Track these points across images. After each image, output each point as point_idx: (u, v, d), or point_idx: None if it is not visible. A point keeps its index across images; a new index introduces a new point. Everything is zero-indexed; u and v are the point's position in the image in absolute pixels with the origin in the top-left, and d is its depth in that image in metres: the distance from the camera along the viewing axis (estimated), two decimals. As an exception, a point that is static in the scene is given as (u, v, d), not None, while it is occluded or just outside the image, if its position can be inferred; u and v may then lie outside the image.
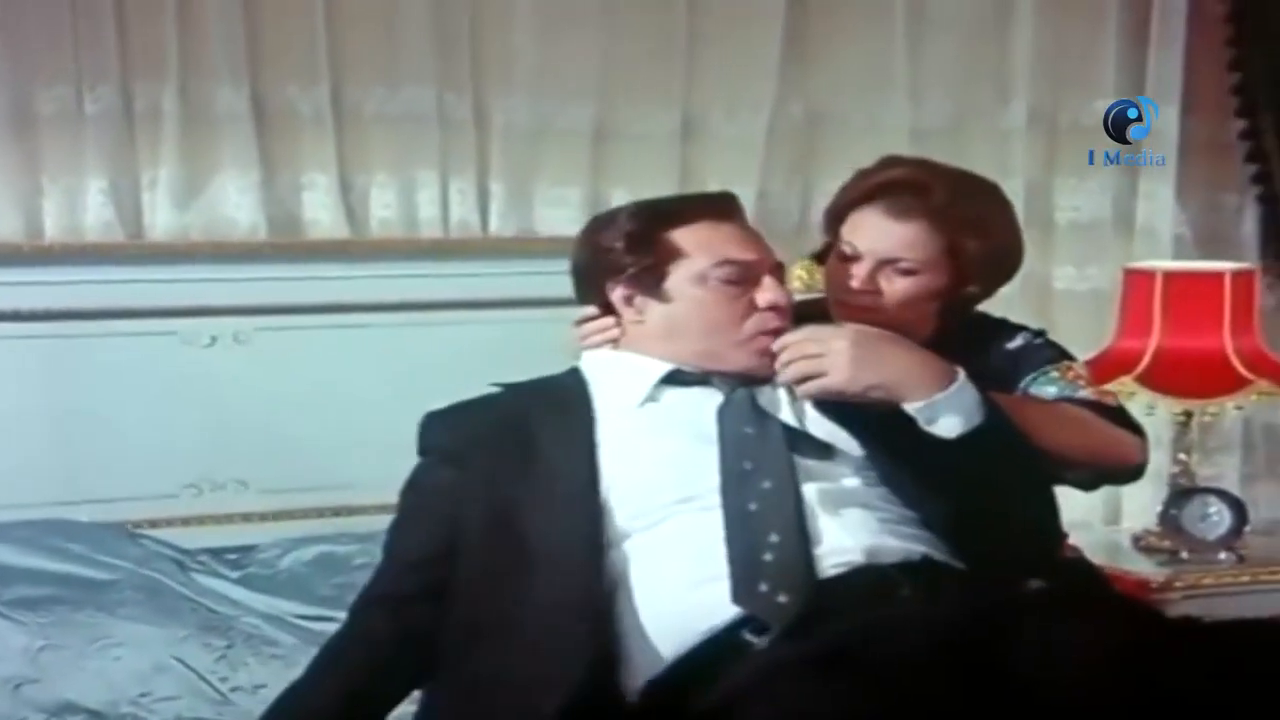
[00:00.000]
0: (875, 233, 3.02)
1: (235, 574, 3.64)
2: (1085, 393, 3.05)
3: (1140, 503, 4.56)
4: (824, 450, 2.72)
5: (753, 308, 2.78)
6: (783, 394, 2.78)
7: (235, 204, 3.99)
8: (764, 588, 2.50)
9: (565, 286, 4.01)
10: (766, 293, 2.79)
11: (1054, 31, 4.58)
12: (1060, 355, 3.13)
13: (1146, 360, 4.18)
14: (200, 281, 3.88)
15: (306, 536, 3.76)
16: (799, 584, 2.51)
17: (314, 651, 2.81)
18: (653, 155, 4.30)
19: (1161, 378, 4.19)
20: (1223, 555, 4.22)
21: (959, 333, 3.11)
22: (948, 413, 2.64)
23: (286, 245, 4.01)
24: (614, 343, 2.88)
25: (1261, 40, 4.65)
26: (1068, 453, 2.93)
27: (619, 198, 4.24)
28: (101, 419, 3.80)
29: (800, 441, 2.72)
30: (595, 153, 4.26)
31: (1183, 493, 4.31)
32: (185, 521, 3.85)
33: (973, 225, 3.02)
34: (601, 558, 2.60)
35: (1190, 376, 4.22)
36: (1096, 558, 3.63)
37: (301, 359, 3.92)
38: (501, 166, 4.19)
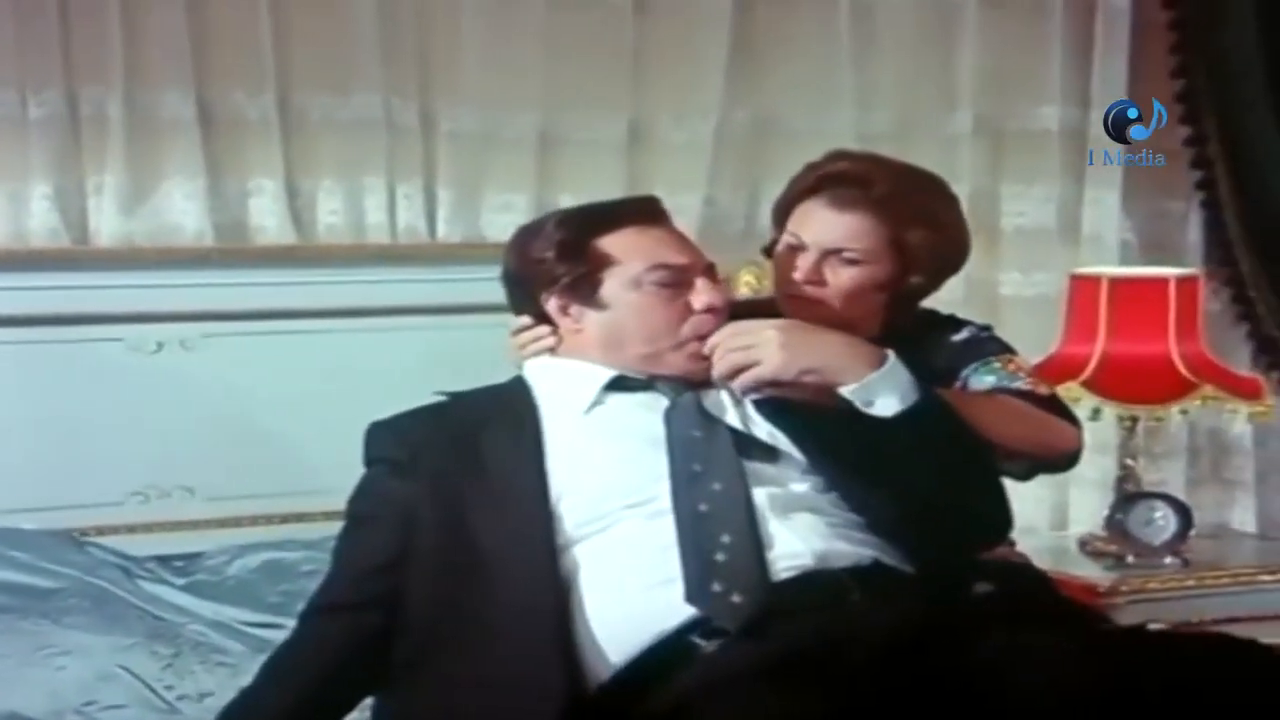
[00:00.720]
0: (820, 224, 3.09)
1: (182, 581, 3.63)
2: (1021, 383, 3.10)
3: (1087, 507, 4.59)
4: (770, 454, 2.75)
5: (689, 310, 2.82)
6: (727, 397, 2.81)
7: (181, 210, 3.98)
8: (718, 588, 2.53)
9: None
10: (702, 295, 2.83)
11: (999, 39, 4.61)
12: (1003, 349, 3.18)
13: (1092, 365, 4.20)
14: (146, 288, 3.87)
15: (254, 543, 3.76)
16: (753, 584, 2.54)
17: (262, 659, 2.82)
18: (600, 162, 4.31)
19: (1107, 383, 4.21)
20: (1168, 560, 4.24)
21: (909, 330, 3.16)
22: (884, 392, 2.69)
23: (233, 251, 4.00)
24: (551, 351, 2.90)
25: (1204, 48, 4.68)
26: (1004, 442, 2.97)
27: (566, 204, 4.20)
28: (47, 426, 3.79)
29: (747, 445, 2.75)
30: (542, 159, 4.26)
31: (1128, 497, 4.32)
32: (131, 529, 3.84)
33: (917, 216, 3.08)
34: (555, 562, 2.62)
35: (1136, 382, 4.25)
36: (1043, 562, 3.68)
37: (248, 365, 3.92)
38: (449, 173, 4.20)
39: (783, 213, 3.18)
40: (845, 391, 2.69)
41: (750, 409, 2.81)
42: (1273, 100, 4.70)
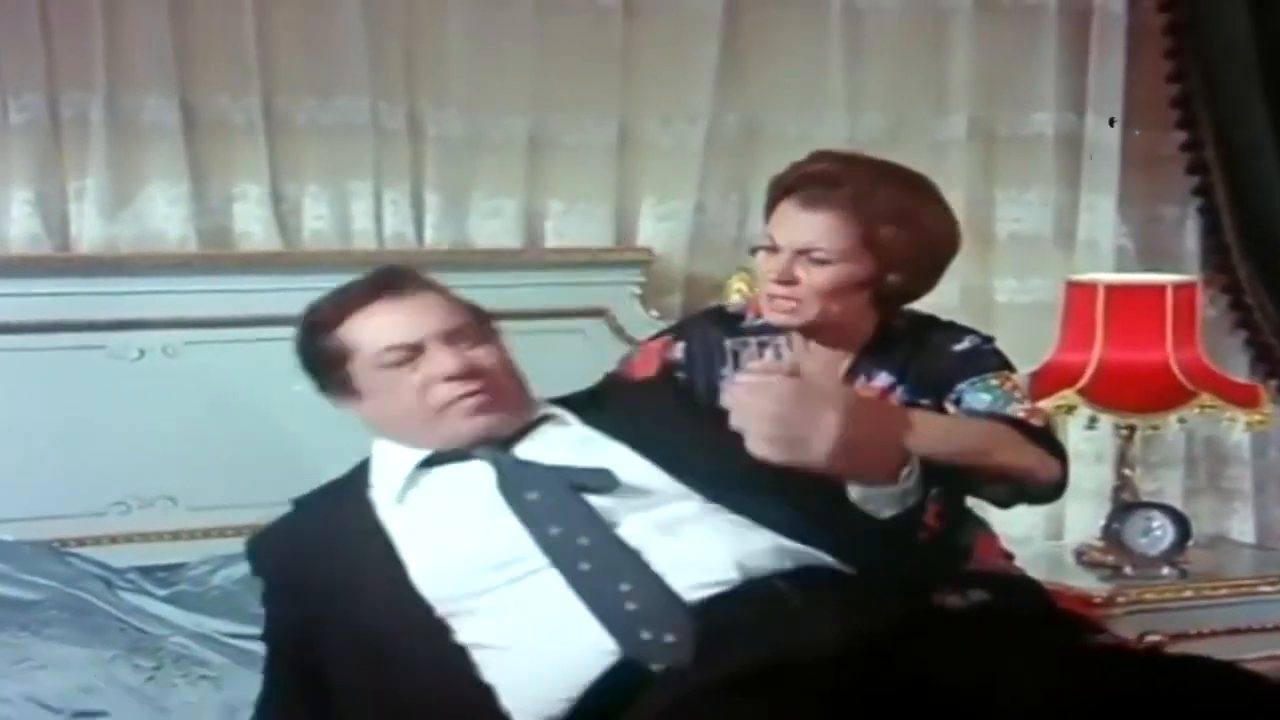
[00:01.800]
0: (790, 224, 3.16)
1: (164, 592, 3.62)
2: (1016, 407, 3.14)
3: (1083, 517, 4.59)
4: (606, 477, 2.76)
5: (435, 380, 2.85)
6: (553, 430, 2.86)
7: (164, 215, 3.97)
8: (646, 635, 2.54)
9: (501, 299, 4.03)
10: (434, 367, 2.85)
11: (993, 43, 4.62)
12: (1002, 365, 3.23)
13: (1089, 374, 4.20)
14: (129, 294, 3.86)
15: (237, 554, 3.66)
16: (678, 620, 2.54)
17: (244, 671, 2.88)
18: (589, 166, 4.32)
19: (1104, 391, 4.22)
20: (1165, 570, 4.23)
21: (908, 333, 3.23)
22: (887, 504, 2.68)
23: (217, 257, 4.01)
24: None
25: (1201, 53, 4.69)
26: (989, 468, 3.03)
27: (555, 209, 4.30)
28: (27, 434, 3.77)
29: (592, 478, 2.76)
30: (531, 164, 4.26)
31: (1125, 507, 4.32)
32: (113, 539, 3.83)
33: (889, 214, 3.14)
34: (448, 638, 2.66)
35: (1133, 390, 4.25)
36: (1039, 572, 3.72)
37: (232, 373, 3.90)
38: (436, 178, 4.20)
39: (768, 215, 3.25)
40: (852, 491, 2.67)
41: (584, 433, 2.86)
42: (1270, 104, 4.70)
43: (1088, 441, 4.54)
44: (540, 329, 3.98)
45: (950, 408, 3.19)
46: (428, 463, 2.86)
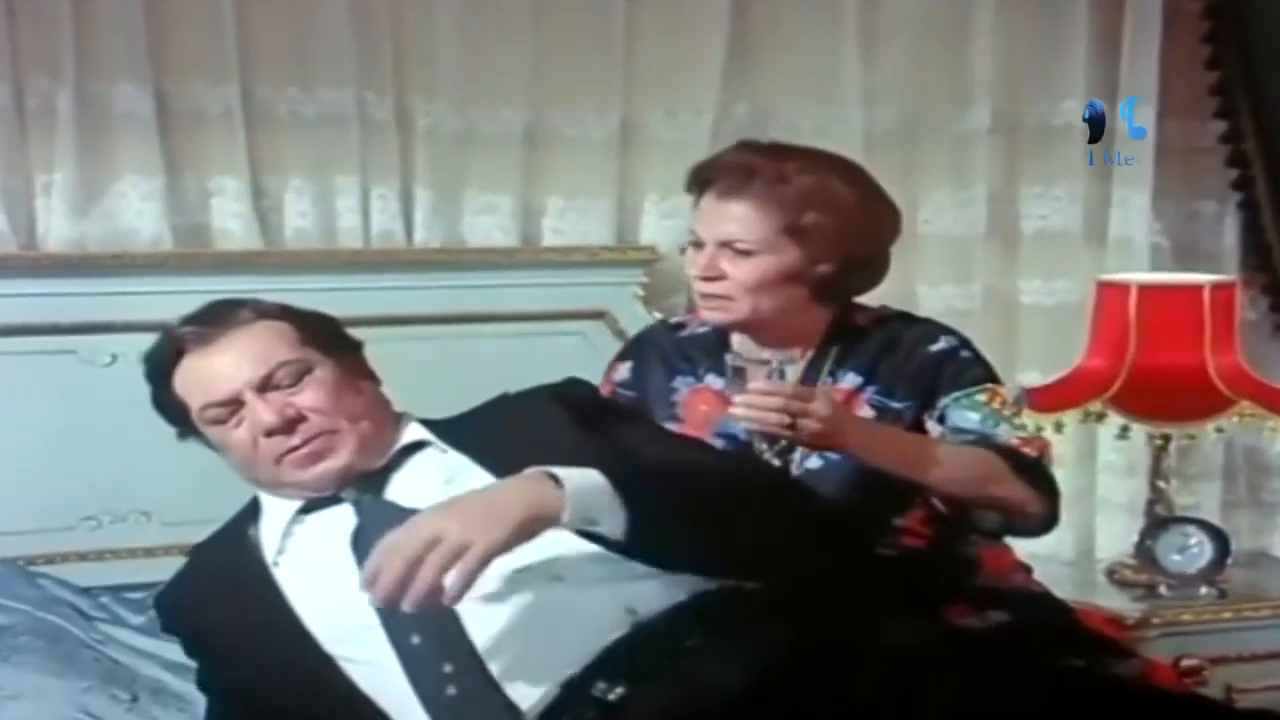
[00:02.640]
0: (709, 216, 3.24)
1: (138, 619, 3.58)
2: (1005, 429, 3.18)
3: (1114, 533, 4.58)
4: None
5: (258, 434, 2.81)
6: (423, 463, 2.80)
7: (137, 211, 3.94)
8: None
9: (495, 300, 4.07)
10: (253, 422, 2.80)
11: (1018, 27, 4.58)
12: (986, 375, 3.26)
13: (1120, 380, 4.17)
14: (100, 295, 3.83)
15: None
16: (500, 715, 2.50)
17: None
18: (589, 160, 4.30)
19: (1136, 399, 4.20)
20: (1203, 590, 4.21)
21: (874, 331, 3.27)
22: (598, 513, 2.51)
23: (193, 256, 3.98)
24: None
25: (1241, 37, 4.66)
26: (975, 501, 3.13)
27: (553, 206, 4.30)
28: (-9, 445, 3.76)
29: None
30: (527, 157, 4.24)
31: (1160, 522, 4.30)
32: (83, 556, 3.81)
33: (809, 200, 3.17)
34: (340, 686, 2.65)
35: (1168, 397, 4.23)
36: (1066, 592, 3.70)
37: (209, 380, 3.86)
38: (427, 172, 4.17)
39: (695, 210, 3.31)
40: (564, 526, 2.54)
41: (455, 462, 2.78)
42: (1316, 93, 4.69)
43: (1119, 452, 4.56)
44: (537, 332, 4.03)
45: (933, 424, 3.22)
46: (305, 508, 2.84)
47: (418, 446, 2.88)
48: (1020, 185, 4.63)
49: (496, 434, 2.86)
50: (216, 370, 2.83)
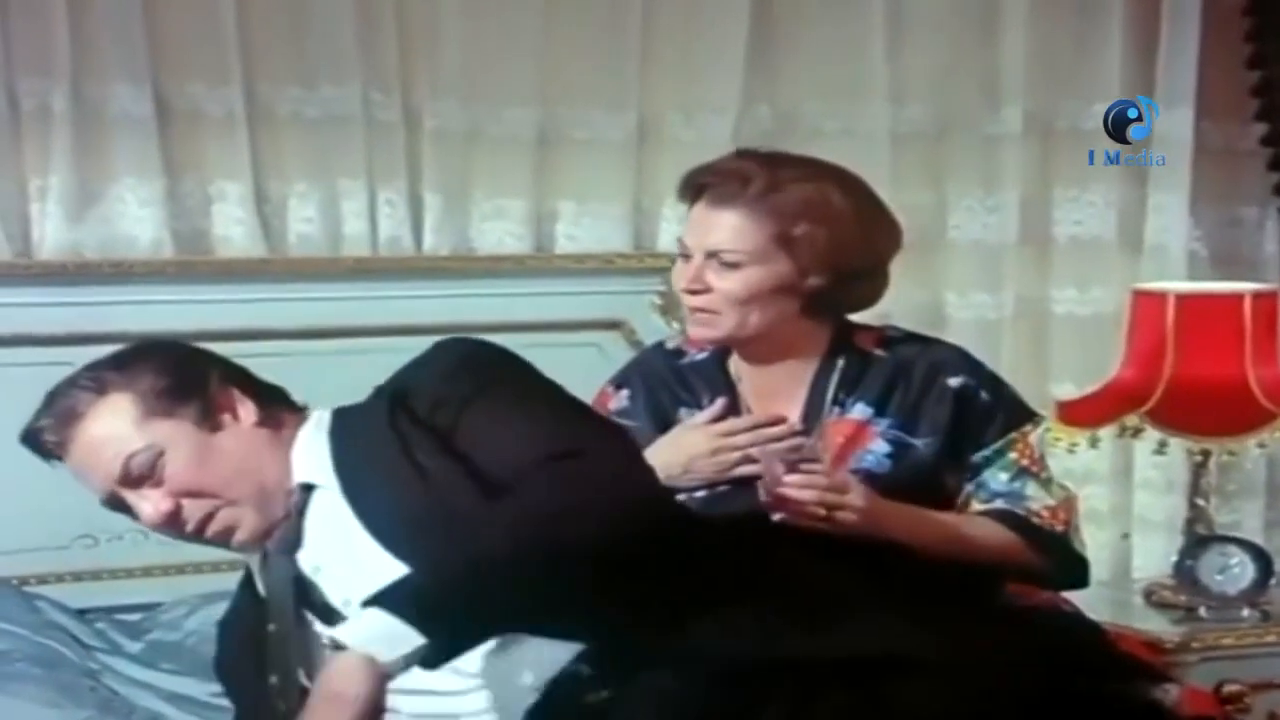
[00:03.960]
0: (698, 226, 3.21)
1: (136, 646, 3.61)
2: (1033, 493, 3.19)
3: (1152, 553, 4.58)
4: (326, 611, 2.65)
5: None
6: (315, 514, 2.69)
7: (135, 217, 3.96)
8: None
9: (507, 309, 4.06)
10: (144, 517, 2.72)
11: (1051, 26, 4.59)
12: (1008, 419, 3.22)
13: (1158, 393, 4.16)
14: (96, 305, 3.84)
15: (214, 593, 3.63)
16: None
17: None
18: (604, 163, 4.31)
19: (1174, 413, 4.19)
20: (1245, 612, 4.20)
21: (883, 357, 3.23)
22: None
23: (194, 264, 3.99)
24: None
25: (1284, 35, 4.65)
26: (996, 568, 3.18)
27: (567, 210, 4.32)
28: (-17, 460, 3.75)
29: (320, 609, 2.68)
30: (539, 160, 4.25)
31: (1200, 541, 4.29)
32: (78, 576, 3.83)
33: (800, 210, 3.14)
34: None
35: (1207, 411, 4.22)
36: (1102, 614, 3.64)
37: (210, 392, 3.87)
38: (435, 175, 4.18)
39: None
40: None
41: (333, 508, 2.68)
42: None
43: (1157, 469, 4.56)
44: (549, 343, 3.91)
45: (953, 476, 3.20)
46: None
47: (309, 488, 2.72)
48: (1053, 189, 4.64)
49: (354, 451, 2.73)
50: (86, 475, 2.73)
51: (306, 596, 2.66)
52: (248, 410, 2.74)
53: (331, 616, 2.59)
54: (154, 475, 2.66)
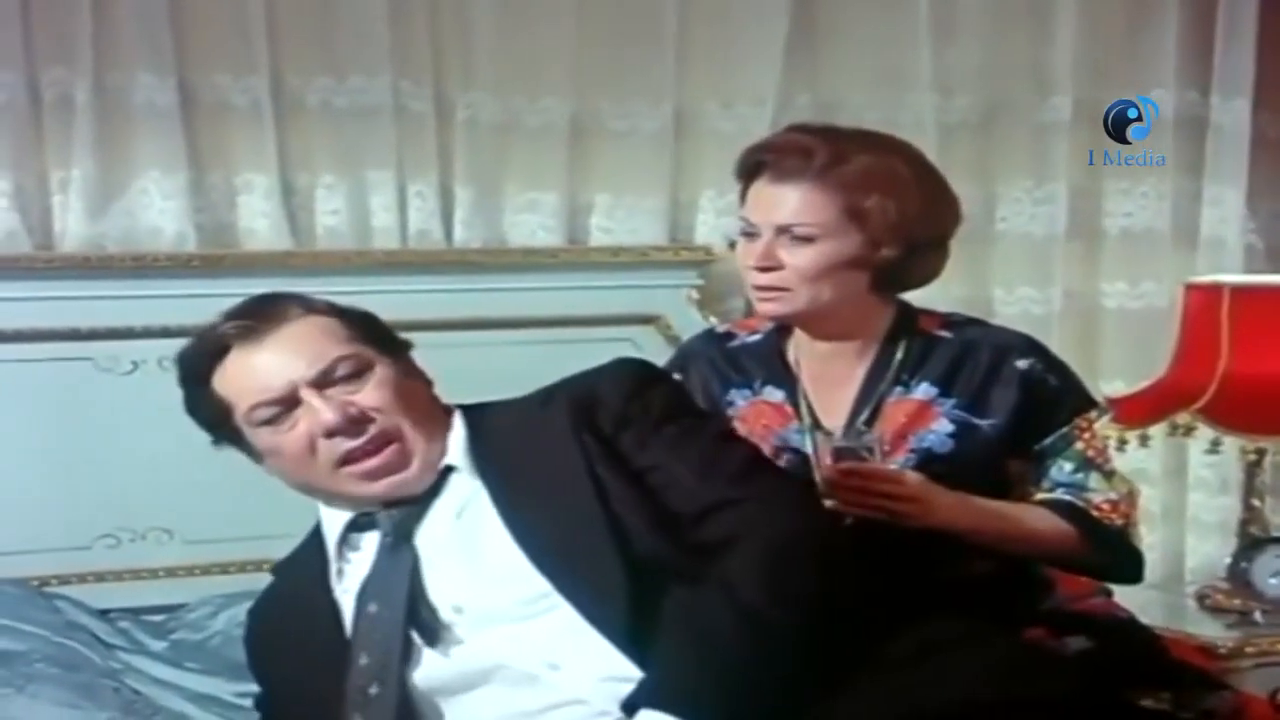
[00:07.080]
0: (765, 202, 3.17)
1: (160, 645, 3.63)
2: (1095, 484, 3.21)
3: (1205, 555, 4.58)
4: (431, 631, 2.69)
5: (317, 435, 2.72)
6: (448, 495, 2.74)
7: (159, 210, 3.99)
8: None
9: (538, 304, 4.04)
10: (312, 421, 2.70)
11: (1103, 10, 4.60)
12: (1075, 404, 3.24)
13: (1211, 390, 4.16)
14: (119, 299, 3.87)
15: (239, 593, 3.68)
16: None
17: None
18: (640, 154, 4.33)
19: (1229, 410, 4.18)
20: (1302, 616, 4.19)
21: (947, 339, 3.24)
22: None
23: (219, 258, 4.01)
24: None
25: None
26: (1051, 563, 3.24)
27: (601, 203, 4.31)
28: (3, 457, 3.78)
29: (426, 618, 2.70)
30: (573, 151, 4.27)
31: (1255, 543, 4.30)
32: (100, 577, 3.85)
33: (868, 180, 3.13)
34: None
35: (1262, 408, 4.21)
36: (1154, 619, 3.66)
37: (235, 389, 3.91)
38: (467, 167, 4.20)
39: (742, 199, 3.25)
40: None
41: (466, 498, 2.75)
42: None
43: (1210, 468, 4.55)
44: (584, 338, 4.00)
45: (1018, 461, 3.23)
46: (354, 525, 2.80)
47: (449, 470, 2.79)
48: (1104, 181, 4.64)
49: (515, 453, 2.78)
50: (268, 367, 2.72)
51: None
52: (427, 385, 2.84)
53: (433, 616, 2.66)
54: (350, 384, 2.71)
